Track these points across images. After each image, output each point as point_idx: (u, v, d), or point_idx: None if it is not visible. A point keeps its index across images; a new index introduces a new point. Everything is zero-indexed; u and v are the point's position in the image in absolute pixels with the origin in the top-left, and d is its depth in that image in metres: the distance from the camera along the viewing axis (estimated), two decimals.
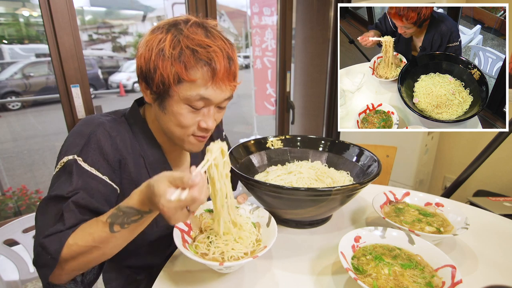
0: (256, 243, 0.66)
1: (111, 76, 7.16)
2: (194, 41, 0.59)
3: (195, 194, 0.48)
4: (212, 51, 0.60)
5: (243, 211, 0.74)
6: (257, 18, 2.82)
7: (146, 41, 0.62)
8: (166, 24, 0.63)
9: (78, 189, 0.59)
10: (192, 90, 0.61)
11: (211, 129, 0.69)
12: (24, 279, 1.11)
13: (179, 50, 0.59)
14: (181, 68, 0.59)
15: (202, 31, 0.61)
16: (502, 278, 0.65)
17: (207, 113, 0.66)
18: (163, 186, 0.48)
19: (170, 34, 0.60)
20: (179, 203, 0.48)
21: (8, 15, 4.42)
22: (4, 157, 3.52)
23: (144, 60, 0.62)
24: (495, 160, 1.60)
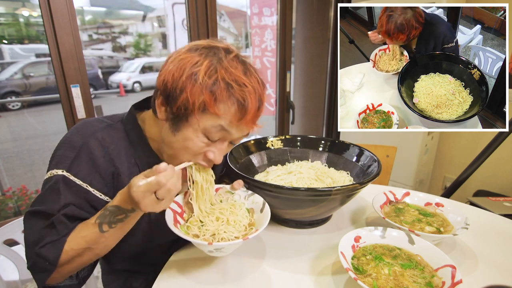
0: (248, 227, 0.66)
1: (111, 76, 7.16)
2: (232, 76, 0.56)
3: (161, 178, 0.50)
4: (247, 91, 0.57)
5: (238, 197, 0.74)
6: (256, 18, 2.82)
7: (179, 58, 0.58)
8: (205, 47, 0.59)
9: (67, 204, 0.60)
10: (214, 121, 0.58)
11: (219, 163, 0.65)
12: (24, 279, 1.11)
13: (213, 79, 0.55)
14: (211, 99, 0.55)
15: (242, 67, 0.59)
16: (502, 278, 0.65)
17: (220, 147, 0.63)
18: (137, 178, 0.52)
19: (208, 60, 0.57)
20: (146, 186, 0.50)
21: (8, 15, 4.42)
22: (4, 157, 3.52)
23: (172, 78, 0.57)
24: (495, 160, 1.60)
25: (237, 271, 0.67)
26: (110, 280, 0.84)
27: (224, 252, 0.64)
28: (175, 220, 0.63)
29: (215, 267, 0.68)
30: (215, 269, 0.67)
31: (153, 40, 9.25)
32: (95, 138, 0.64)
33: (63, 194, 0.60)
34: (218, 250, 0.61)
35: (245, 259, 0.71)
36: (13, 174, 3.14)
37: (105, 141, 0.65)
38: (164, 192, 0.51)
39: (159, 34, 9.13)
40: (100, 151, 0.64)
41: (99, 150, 0.64)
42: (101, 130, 0.67)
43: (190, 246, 0.75)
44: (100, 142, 0.65)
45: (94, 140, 0.64)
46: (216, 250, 0.61)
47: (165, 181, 0.51)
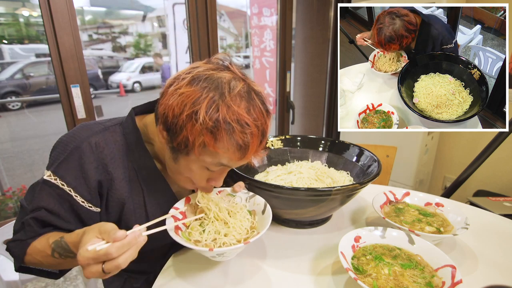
0: (250, 230, 0.66)
1: (111, 76, 7.16)
2: (234, 115, 0.53)
3: (112, 250, 0.44)
4: (249, 133, 0.54)
5: (239, 199, 0.73)
6: (256, 18, 2.82)
7: (181, 92, 0.54)
8: (208, 77, 0.55)
9: (40, 207, 0.61)
10: (214, 158, 0.56)
11: (219, 186, 0.66)
12: (24, 279, 1.11)
13: (214, 120, 0.52)
14: (211, 139, 0.53)
15: (245, 102, 0.55)
16: (502, 278, 0.65)
17: (220, 175, 0.64)
18: (90, 236, 0.47)
19: (210, 97, 0.53)
20: (93, 254, 0.45)
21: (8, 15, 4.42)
22: (4, 157, 3.52)
23: (172, 113, 0.54)
24: (495, 160, 1.60)
25: (237, 271, 0.67)
26: (110, 281, 0.84)
27: (227, 257, 0.64)
28: (176, 227, 0.63)
29: (215, 267, 0.68)
30: (215, 269, 0.67)
31: (153, 40, 9.26)
32: (88, 143, 0.63)
33: (38, 196, 0.61)
34: (220, 255, 0.61)
35: (245, 259, 0.71)
36: (13, 174, 3.14)
37: (98, 146, 0.64)
38: (112, 267, 0.45)
39: (159, 34, 9.14)
40: (91, 156, 0.62)
41: (90, 156, 0.62)
42: (96, 134, 0.65)
43: None
44: (92, 147, 0.63)
45: (87, 145, 0.63)
46: (219, 255, 0.61)
47: (116, 255, 0.45)
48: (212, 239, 0.62)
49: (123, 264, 0.46)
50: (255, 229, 0.66)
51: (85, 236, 0.48)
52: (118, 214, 0.67)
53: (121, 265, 0.46)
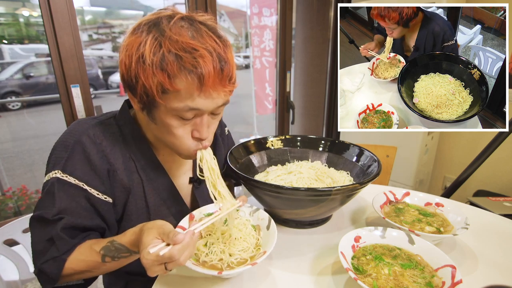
0: (255, 248, 0.65)
1: (111, 76, 7.16)
2: (178, 44, 0.51)
3: (174, 253, 0.47)
4: (199, 56, 0.51)
5: (242, 213, 0.73)
6: (256, 18, 2.82)
7: (126, 44, 0.54)
8: (147, 22, 0.54)
9: (62, 211, 0.59)
10: (179, 101, 0.54)
11: (205, 138, 0.63)
12: (24, 279, 1.11)
13: (160, 56, 0.51)
14: (164, 77, 0.51)
15: (188, 30, 0.53)
16: (502, 278, 0.65)
17: (200, 123, 0.60)
18: (150, 237, 0.50)
19: (151, 36, 0.52)
20: (157, 257, 0.47)
21: (8, 15, 4.42)
22: (4, 157, 3.52)
23: (125, 67, 0.54)
24: (495, 160, 1.59)
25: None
26: (112, 283, 0.84)
27: (231, 276, 0.64)
28: None
29: None
30: None
31: None
32: (86, 135, 0.63)
33: (58, 198, 0.59)
34: (227, 275, 0.62)
35: None
36: (13, 174, 3.14)
37: (97, 137, 0.63)
38: (174, 266, 0.49)
39: None
40: (93, 148, 0.62)
41: (92, 147, 0.62)
42: (92, 127, 0.65)
43: None
44: (91, 139, 0.63)
45: (86, 137, 0.62)
46: (225, 275, 0.62)
47: (178, 256, 0.48)
48: (218, 259, 0.61)
49: (183, 262, 0.50)
50: (260, 246, 0.66)
51: (145, 237, 0.50)
52: (123, 205, 0.67)
53: (182, 263, 0.50)
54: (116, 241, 0.57)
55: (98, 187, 0.63)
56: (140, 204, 0.69)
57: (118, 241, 0.57)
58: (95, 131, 0.64)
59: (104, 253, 0.57)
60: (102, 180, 0.63)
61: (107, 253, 0.57)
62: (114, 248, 0.57)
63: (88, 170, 0.62)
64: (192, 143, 0.62)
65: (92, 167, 0.62)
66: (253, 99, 3.26)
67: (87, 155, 0.62)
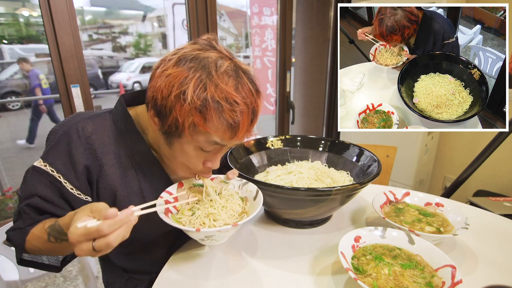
0: (240, 215, 0.66)
1: (111, 76, 7.16)
2: (222, 93, 0.52)
3: (103, 227, 0.43)
4: (239, 111, 0.54)
5: (232, 186, 0.74)
6: (257, 18, 2.82)
7: (167, 74, 0.54)
8: (194, 58, 0.54)
9: (33, 195, 0.61)
10: (206, 138, 0.56)
11: (217, 168, 0.66)
12: (24, 279, 1.11)
13: (203, 99, 0.52)
14: (200, 119, 0.53)
15: (233, 80, 0.54)
16: (502, 278, 0.65)
17: (216, 155, 0.63)
18: (81, 214, 0.47)
19: (197, 76, 0.52)
20: (84, 231, 0.44)
21: (8, 15, 4.42)
22: (4, 157, 3.52)
23: (161, 95, 0.54)
24: (495, 160, 1.60)
25: (237, 271, 0.67)
26: (111, 282, 0.84)
27: (216, 240, 0.63)
28: (167, 209, 0.63)
29: (215, 267, 0.68)
30: (214, 269, 0.67)
31: (153, 40, 9.25)
32: (75, 128, 0.62)
33: (29, 184, 0.61)
34: (209, 238, 0.61)
35: (245, 259, 0.71)
36: (13, 174, 3.14)
37: (85, 130, 0.63)
38: (102, 244, 0.44)
39: (159, 34, 9.14)
40: (78, 141, 0.62)
41: (77, 141, 0.62)
42: (84, 120, 0.64)
43: (189, 246, 0.75)
44: (79, 132, 0.62)
45: (74, 130, 0.62)
46: (207, 238, 0.61)
47: (108, 231, 0.44)
48: (201, 222, 0.62)
49: (113, 242, 0.45)
50: (246, 214, 0.66)
51: (76, 215, 0.47)
52: (111, 202, 0.66)
53: (112, 243, 0.45)
54: (57, 222, 0.56)
55: (73, 181, 0.62)
56: (135, 201, 0.68)
57: (59, 222, 0.56)
58: (85, 124, 0.64)
59: (49, 232, 0.57)
60: (77, 176, 0.62)
61: (51, 232, 0.56)
62: (56, 229, 0.56)
63: (67, 163, 0.61)
64: (200, 170, 0.65)
65: (71, 161, 0.61)
66: None
67: (70, 148, 0.61)
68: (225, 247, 0.75)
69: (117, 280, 0.82)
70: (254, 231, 0.82)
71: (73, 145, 0.61)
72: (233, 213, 0.66)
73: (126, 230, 0.47)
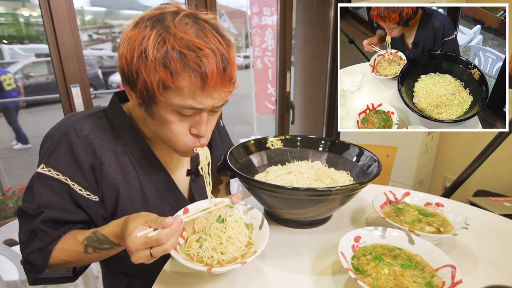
0: (247, 246, 0.65)
1: (111, 76, 7.16)
2: (182, 42, 0.50)
3: (162, 236, 0.47)
4: (203, 55, 0.51)
5: (236, 211, 0.73)
6: (257, 18, 2.82)
7: (127, 38, 0.53)
8: (151, 17, 0.53)
9: (42, 206, 0.59)
10: (179, 98, 0.54)
11: (204, 135, 0.63)
12: (24, 279, 1.11)
13: (164, 52, 0.50)
14: (167, 74, 0.51)
15: (193, 28, 0.52)
16: (502, 278, 0.65)
17: (199, 120, 0.60)
18: (136, 224, 0.49)
19: (155, 32, 0.51)
20: (144, 240, 0.47)
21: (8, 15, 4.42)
22: (4, 157, 3.52)
23: (125, 61, 0.53)
24: (495, 160, 1.60)
25: (237, 271, 0.67)
26: (112, 285, 0.83)
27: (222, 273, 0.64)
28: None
29: None
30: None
31: None
32: (73, 128, 0.61)
33: (37, 193, 0.59)
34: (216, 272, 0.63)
35: None
36: (13, 174, 3.14)
37: (83, 130, 0.62)
38: (160, 251, 0.49)
39: None
40: (78, 141, 0.61)
41: (77, 141, 0.61)
42: (79, 120, 0.63)
43: None
44: (77, 132, 0.61)
45: (72, 130, 0.61)
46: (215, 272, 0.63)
47: (165, 240, 0.48)
48: (209, 256, 0.61)
49: (169, 249, 0.49)
50: (252, 245, 0.66)
51: (131, 224, 0.49)
52: (114, 200, 0.66)
53: (168, 249, 0.49)
54: (99, 232, 0.57)
55: (81, 182, 0.61)
56: (136, 198, 0.67)
57: (100, 232, 0.57)
58: (82, 123, 0.63)
59: (86, 244, 0.57)
60: (85, 176, 0.61)
61: (90, 243, 0.57)
62: (97, 239, 0.56)
63: (72, 165, 0.60)
64: (190, 140, 0.62)
65: (76, 162, 0.60)
66: (253, 99, 3.26)
67: (71, 149, 0.60)
68: None
69: (118, 284, 0.82)
70: None
71: (74, 145, 0.60)
72: (239, 244, 0.65)
73: (178, 237, 0.52)
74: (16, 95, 3.75)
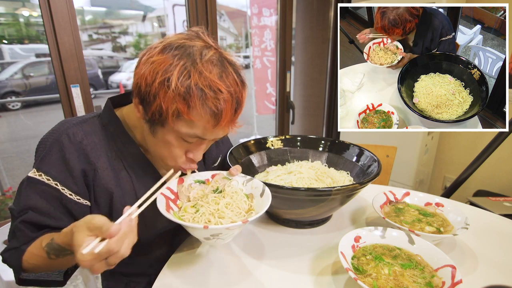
0: (247, 212, 0.64)
1: (111, 76, 7.16)
2: (206, 81, 0.52)
3: (112, 246, 0.43)
4: (222, 99, 0.54)
5: (235, 183, 0.71)
6: (256, 18, 2.82)
7: (152, 60, 0.54)
8: (179, 46, 0.55)
9: (27, 209, 0.60)
10: (188, 128, 0.56)
11: (198, 161, 0.65)
12: None
13: (186, 86, 0.52)
14: (184, 106, 0.53)
15: (218, 69, 0.55)
16: (502, 278, 0.65)
17: (198, 147, 0.62)
18: (81, 236, 0.44)
19: (182, 63, 0.53)
20: (93, 256, 0.43)
21: (8, 15, 4.42)
22: (4, 157, 3.52)
23: (145, 82, 0.54)
24: (495, 160, 1.60)
25: (237, 271, 0.67)
26: (111, 286, 0.83)
27: (222, 239, 0.60)
28: (168, 206, 0.61)
29: (214, 267, 0.68)
30: (214, 270, 0.67)
31: (153, 40, 9.25)
32: (66, 134, 0.62)
33: (24, 196, 0.60)
34: (215, 237, 0.58)
35: (245, 259, 0.71)
36: (13, 174, 3.14)
37: (76, 136, 0.63)
38: (115, 259, 0.45)
39: (159, 34, 9.13)
40: (71, 147, 0.61)
41: (70, 146, 0.61)
42: (73, 126, 0.64)
43: (187, 246, 0.75)
44: (70, 138, 0.62)
45: (65, 136, 0.62)
46: (213, 237, 0.58)
47: (117, 249, 0.44)
48: (206, 220, 0.60)
49: (126, 253, 0.46)
50: (253, 211, 0.64)
51: (76, 236, 0.45)
52: (108, 205, 0.66)
53: (125, 254, 0.46)
54: (54, 241, 0.55)
55: (71, 187, 0.62)
56: (130, 202, 0.66)
57: (55, 240, 0.55)
58: (75, 130, 0.64)
59: (47, 250, 0.56)
60: (75, 181, 0.62)
61: (50, 250, 0.56)
62: (54, 248, 0.55)
63: (63, 170, 0.61)
64: (182, 162, 0.64)
65: (67, 166, 0.61)
66: (253, 99, 3.26)
67: (63, 154, 0.61)
68: (225, 247, 0.75)
69: (116, 285, 0.82)
70: (254, 231, 0.82)
71: (66, 151, 0.61)
72: (239, 210, 0.63)
73: (133, 236, 0.49)
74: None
